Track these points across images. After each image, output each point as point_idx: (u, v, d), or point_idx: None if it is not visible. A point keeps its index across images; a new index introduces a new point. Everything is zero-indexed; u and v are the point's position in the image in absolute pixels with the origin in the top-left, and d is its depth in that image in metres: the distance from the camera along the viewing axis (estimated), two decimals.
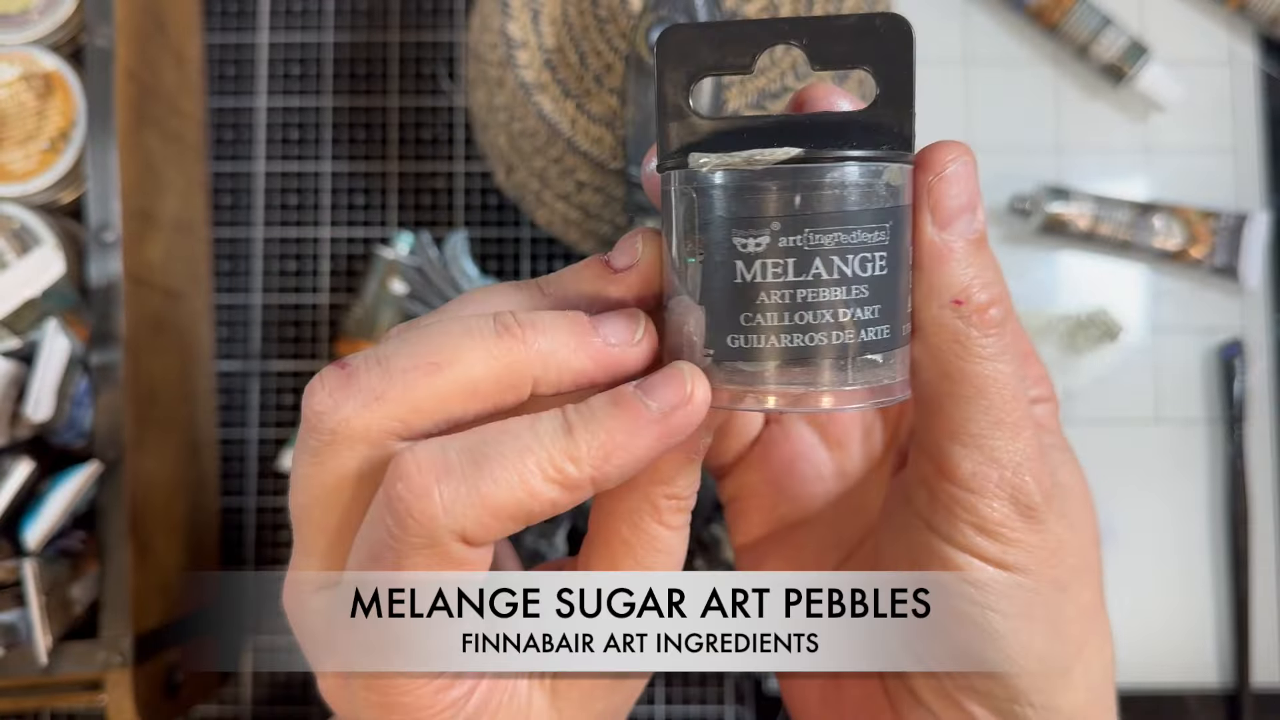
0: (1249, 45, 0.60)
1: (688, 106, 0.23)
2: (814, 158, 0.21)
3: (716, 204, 0.22)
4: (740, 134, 0.22)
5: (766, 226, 0.22)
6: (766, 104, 0.48)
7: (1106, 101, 0.60)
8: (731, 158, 0.22)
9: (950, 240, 0.23)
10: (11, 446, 0.46)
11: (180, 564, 0.53)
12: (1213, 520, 0.58)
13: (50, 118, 0.50)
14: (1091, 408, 0.58)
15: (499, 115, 0.53)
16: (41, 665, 0.45)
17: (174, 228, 0.55)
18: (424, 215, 0.60)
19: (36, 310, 0.45)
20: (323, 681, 0.26)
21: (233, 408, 0.59)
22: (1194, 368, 0.59)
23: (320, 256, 0.60)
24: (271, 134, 0.60)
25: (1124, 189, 0.59)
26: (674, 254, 0.23)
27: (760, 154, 0.22)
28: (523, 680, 0.25)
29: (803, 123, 0.22)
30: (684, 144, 0.23)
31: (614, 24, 0.48)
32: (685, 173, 0.22)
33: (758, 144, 0.22)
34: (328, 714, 0.38)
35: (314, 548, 0.24)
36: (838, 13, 0.49)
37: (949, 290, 0.23)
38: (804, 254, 0.21)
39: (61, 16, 0.51)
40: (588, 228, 0.54)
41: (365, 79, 0.60)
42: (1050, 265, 0.59)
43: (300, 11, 0.61)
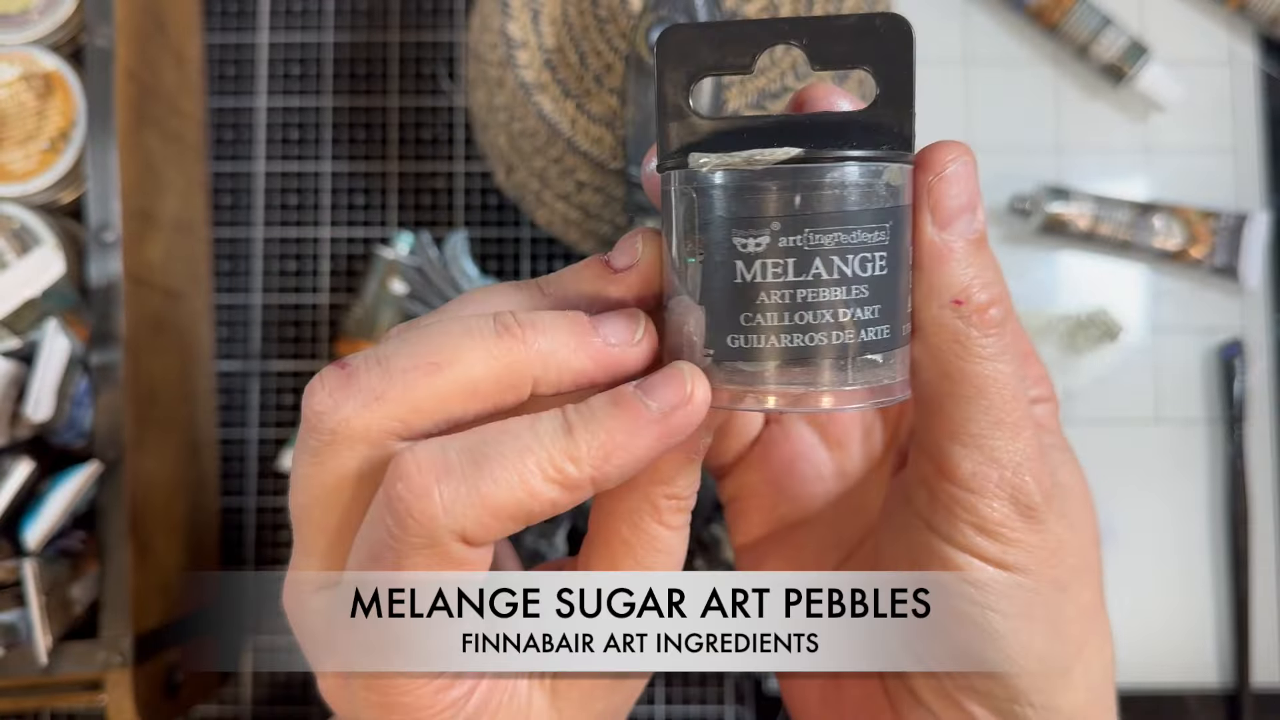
0: (1249, 45, 0.60)
1: (688, 106, 0.23)
2: (814, 158, 0.21)
3: (716, 204, 0.22)
4: (740, 134, 0.22)
5: (766, 226, 0.22)
6: (766, 104, 0.48)
7: (1106, 101, 0.60)
8: (731, 158, 0.22)
9: (950, 240, 0.23)
10: (11, 446, 0.46)
11: (180, 564, 0.53)
12: (1213, 520, 0.58)
13: (50, 118, 0.50)
14: (1091, 408, 0.59)
15: (499, 115, 0.53)
16: (41, 665, 0.45)
17: (174, 228, 0.55)
18: (424, 215, 0.60)
19: (36, 310, 0.45)
20: (323, 681, 0.26)
21: (233, 408, 0.59)
22: (1194, 368, 0.59)
23: (320, 256, 0.60)
24: (271, 134, 0.60)
25: (1124, 189, 0.59)
26: (674, 254, 0.23)
27: (760, 154, 0.22)
28: (523, 680, 0.25)
29: (803, 123, 0.22)
30: (684, 144, 0.23)
31: (614, 24, 0.48)
32: (685, 173, 0.22)
33: (758, 144, 0.22)
34: (328, 714, 0.38)
35: (314, 548, 0.24)
36: (838, 13, 0.49)
37: (949, 290, 0.23)
38: (804, 254, 0.21)
39: (61, 16, 0.51)
40: (588, 228, 0.54)
41: (365, 79, 0.60)
42: (1050, 265, 0.59)
43: (300, 11, 0.61)
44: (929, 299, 0.23)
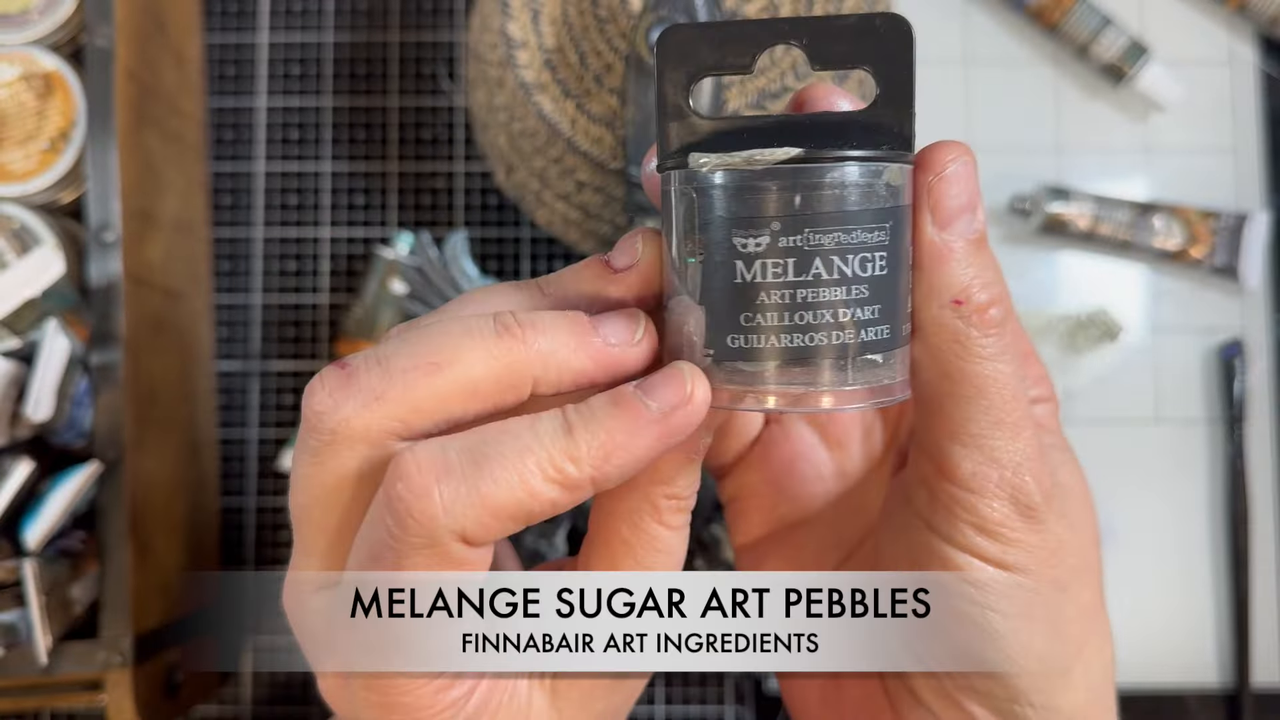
0: (1249, 45, 0.60)
1: (688, 106, 0.23)
2: (814, 158, 0.21)
3: (716, 204, 0.22)
4: (740, 134, 0.22)
5: (766, 226, 0.22)
6: (766, 104, 0.48)
7: (1106, 101, 0.60)
8: (731, 158, 0.22)
9: (950, 240, 0.23)
10: (11, 446, 0.46)
11: (180, 564, 0.53)
12: (1213, 520, 0.58)
13: (50, 118, 0.50)
14: (1091, 408, 0.59)
15: (499, 115, 0.53)
16: (41, 665, 0.45)
17: (174, 228, 0.55)
18: (424, 215, 0.60)
19: (36, 310, 0.45)
20: (323, 681, 0.26)
21: (233, 408, 0.59)
22: (1194, 368, 0.59)
23: (320, 256, 0.60)
24: (271, 134, 0.60)
25: (1124, 189, 0.59)
26: (674, 254, 0.23)
27: (760, 154, 0.22)
28: (523, 680, 0.25)
29: (803, 123, 0.22)
30: (684, 144, 0.23)
31: (614, 24, 0.48)
32: (685, 173, 0.22)
33: (757, 144, 0.22)
34: (328, 714, 0.38)
35: (314, 548, 0.24)
36: (838, 13, 0.49)
37: (949, 290, 0.23)
38: (804, 254, 0.21)
39: (61, 16, 0.51)
40: (588, 227, 0.54)
41: (365, 79, 0.60)
42: (1050, 265, 0.59)
43: (300, 11, 0.61)
44: (929, 299, 0.23)
